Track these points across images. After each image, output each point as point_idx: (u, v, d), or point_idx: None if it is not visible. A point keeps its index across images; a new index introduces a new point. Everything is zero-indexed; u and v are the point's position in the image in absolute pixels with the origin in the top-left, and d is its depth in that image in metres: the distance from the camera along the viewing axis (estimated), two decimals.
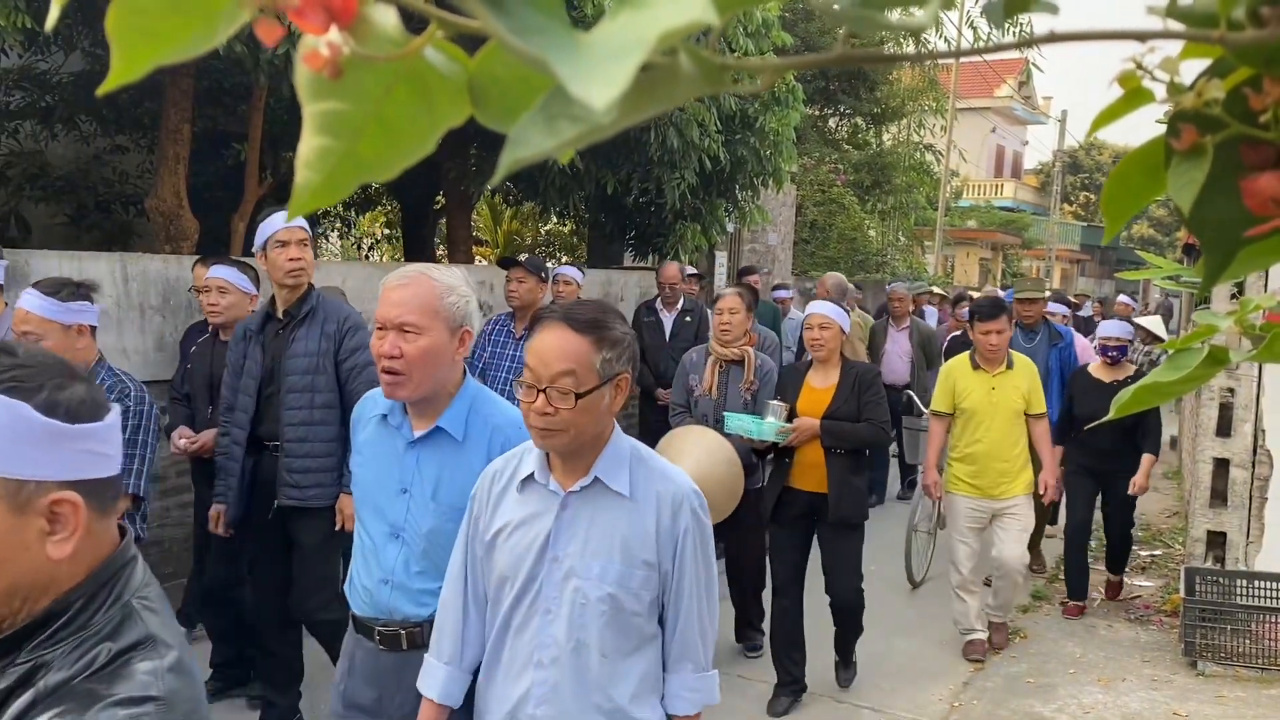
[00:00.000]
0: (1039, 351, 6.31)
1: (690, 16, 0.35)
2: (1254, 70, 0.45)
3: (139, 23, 0.45)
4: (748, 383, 4.74)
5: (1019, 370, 5.08)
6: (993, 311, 4.99)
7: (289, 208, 0.49)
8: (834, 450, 4.33)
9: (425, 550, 2.21)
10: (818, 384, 4.45)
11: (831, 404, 4.36)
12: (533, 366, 1.84)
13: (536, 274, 5.39)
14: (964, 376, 5.11)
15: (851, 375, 4.40)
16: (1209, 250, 0.50)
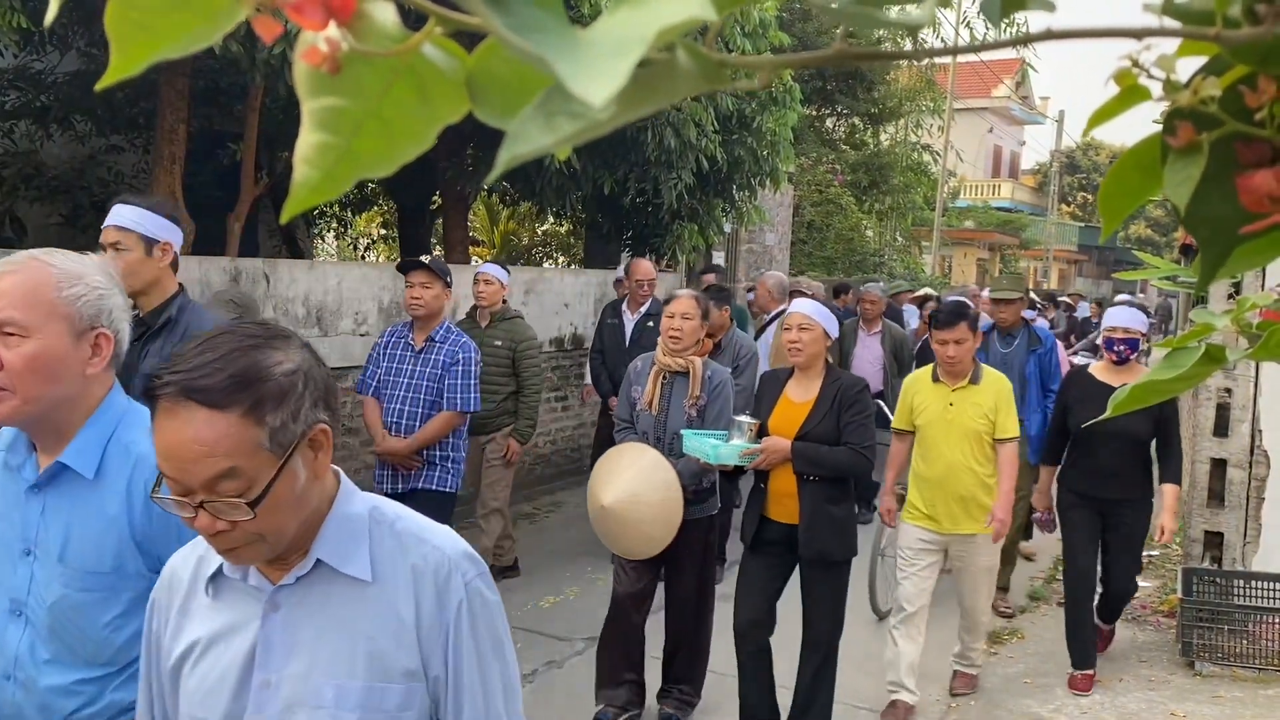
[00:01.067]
0: (1016, 358, 5.80)
1: (688, 13, 0.35)
2: (1250, 68, 0.45)
3: (138, 18, 0.45)
4: (692, 398, 4.11)
5: (986, 387, 4.33)
6: (950, 318, 4.29)
7: (286, 204, 0.49)
8: (807, 477, 3.76)
9: (52, 629, 1.66)
10: (796, 397, 3.87)
11: (807, 421, 3.78)
12: (172, 475, 1.24)
13: (442, 279, 4.69)
14: (923, 390, 4.43)
15: (834, 389, 3.80)
16: (1205, 247, 0.50)
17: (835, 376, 3.85)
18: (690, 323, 4.12)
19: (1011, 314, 5.95)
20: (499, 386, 5.56)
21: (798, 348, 3.80)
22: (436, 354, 4.62)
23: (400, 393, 4.64)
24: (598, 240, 9.77)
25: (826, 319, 3.87)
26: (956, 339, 4.26)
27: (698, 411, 4.10)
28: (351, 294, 6.43)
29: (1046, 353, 5.91)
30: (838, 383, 3.83)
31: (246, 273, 5.73)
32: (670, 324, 4.13)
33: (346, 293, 6.39)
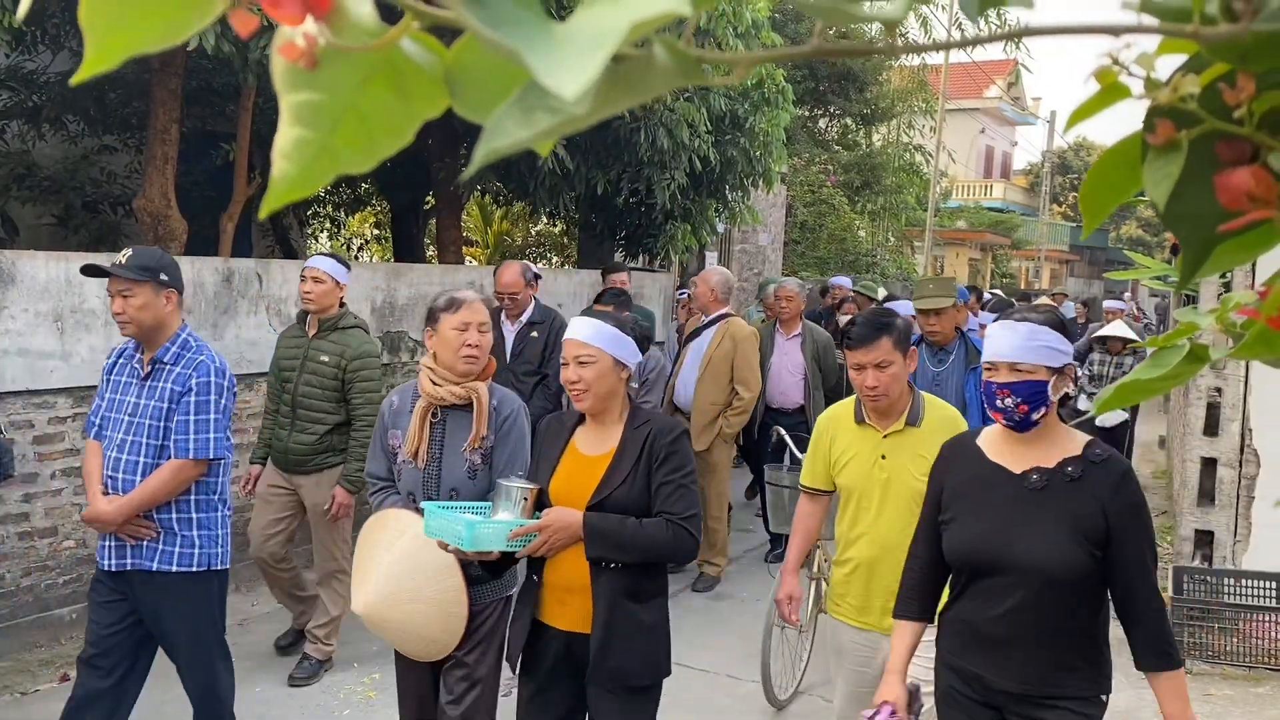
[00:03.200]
0: (951, 378, 4.74)
1: (663, 7, 0.35)
2: (1229, 65, 0.45)
3: (113, 12, 0.44)
4: (475, 440, 3.00)
5: (932, 428, 2.95)
6: (866, 333, 2.94)
7: (265, 199, 0.49)
8: (603, 564, 2.64)
9: None
10: (588, 449, 2.78)
11: (604, 484, 2.68)
12: None
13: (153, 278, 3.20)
14: (843, 434, 3.11)
15: (640, 437, 2.72)
16: (1186, 245, 0.50)
17: (641, 419, 2.77)
18: (487, 337, 3.07)
19: (943, 325, 4.76)
20: (323, 415, 4.44)
21: (579, 389, 2.69)
22: (164, 380, 3.24)
23: (119, 435, 3.27)
24: (591, 240, 9.77)
25: (615, 344, 2.72)
26: (878, 361, 2.90)
27: (482, 457, 3.02)
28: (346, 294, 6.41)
29: None
30: (646, 428, 2.72)
31: (239, 273, 5.71)
32: (463, 338, 3.00)
33: None
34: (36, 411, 4.77)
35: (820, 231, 15.88)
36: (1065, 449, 2.37)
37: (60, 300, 4.83)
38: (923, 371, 4.73)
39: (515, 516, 2.67)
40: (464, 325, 3.04)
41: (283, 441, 4.53)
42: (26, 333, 4.69)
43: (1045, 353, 2.33)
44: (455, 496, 3.00)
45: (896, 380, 2.94)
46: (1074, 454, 2.35)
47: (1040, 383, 2.32)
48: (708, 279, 6.16)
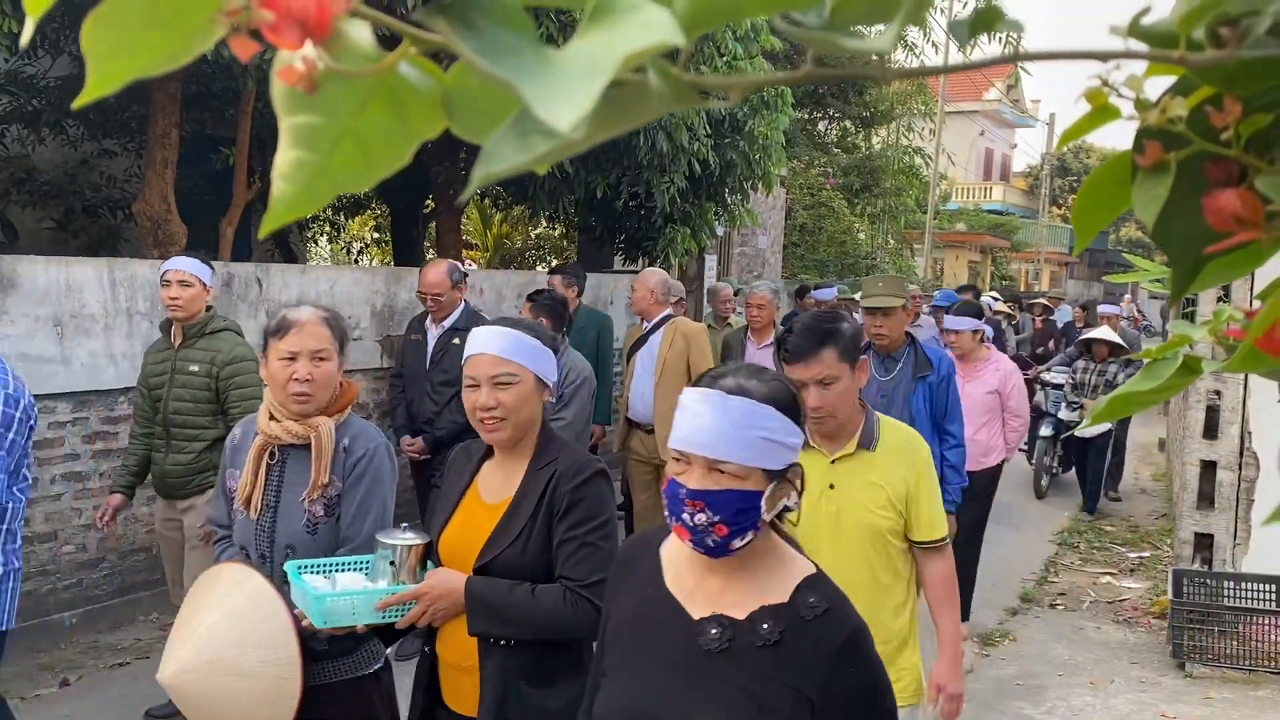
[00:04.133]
0: (898, 389, 4.31)
1: (656, 38, 0.36)
2: (1216, 89, 0.46)
3: (114, 38, 0.45)
4: (316, 489, 2.45)
5: (890, 453, 2.56)
6: (805, 344, 2.49)
7: (265, 219, 0.50)
8: (492, 640, 2.16)
9: None
10: (489, 493, 2.26)
11: (495, 539, 2.17)
12: None
13: None
14: None
15: (544, 476, 2.18)
16: (1175, 264, 0.50)
17: (548, 457, 2.21)
18: (326, 366, 2.47)
19: (891, 329, 4.30)
20: (198, 431, 4.04)
21: (495, 417, 2.14)
22: None
23: None
24: (591, 243, 9.78)
25: (538, 359, 2.19)
26: (820, 377, 2.45)
27: (325, 508, 2.47)
28: (344, 298, 6.42)
29: (940, 381, 4.30)
30: (551, 468, 2.18)
31: (239, 277, 5.72)
32: (290, 370, 2.43)
33: (339, 297, 6.38)
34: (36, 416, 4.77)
35: (820, 234, 15.90)
36: (768, 591, 1.55)
37: (60, 305, 4.84)
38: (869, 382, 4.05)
39: (394, 580, 2.18)
40: (291, 354, 2.43)
41: (159, 465, 4.12)
42: (26, 337, 4.69)
43: (764, 448, 1.50)
44: (291, 554, 2.42)
45: (844, 399, 2.47)
46: (778, 601, 1.54)
47: (751, 494, 1.50)
48: (646, 281, 5.75)
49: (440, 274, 5.17)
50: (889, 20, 0.39)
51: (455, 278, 5.19)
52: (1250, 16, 0.41)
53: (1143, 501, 9.46)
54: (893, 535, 2.55)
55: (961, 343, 5.55)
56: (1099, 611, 6.23)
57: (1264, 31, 0.41)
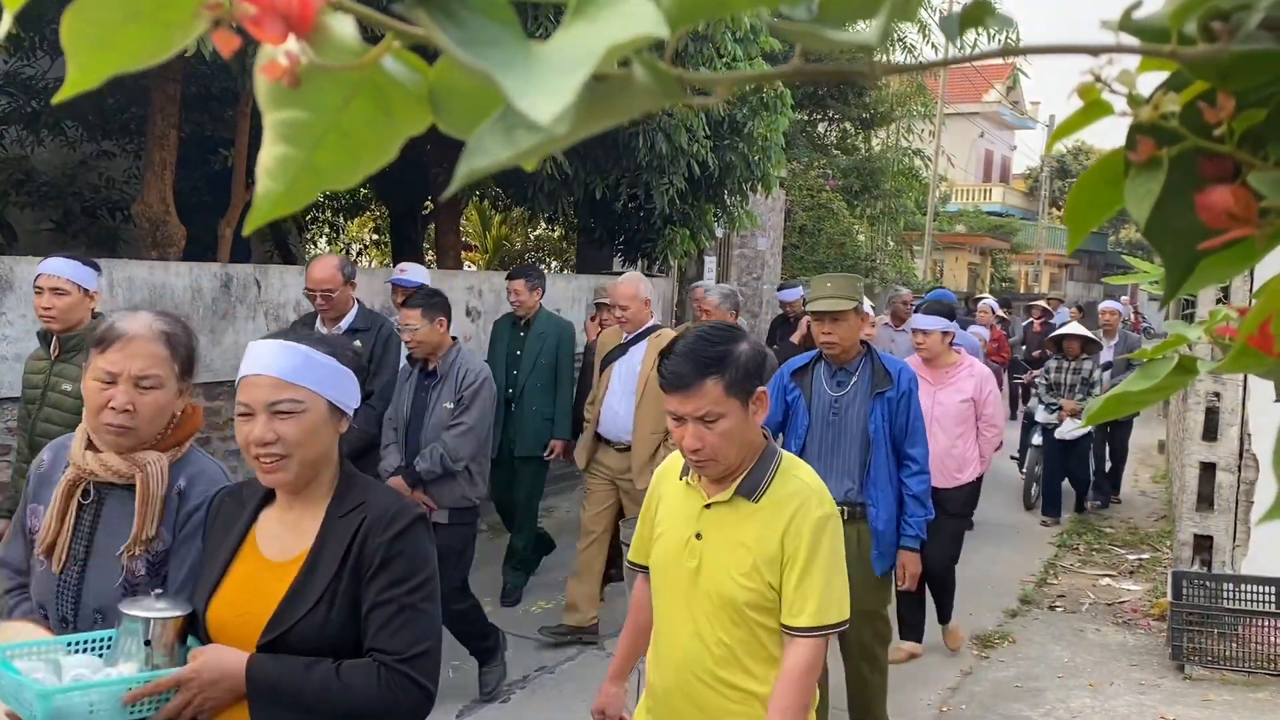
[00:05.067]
0: (852, 406, 3.76)
1: (640, 30, 0.35)
2: (1209, 84, 0.45)
3: (94, 32, 0.45)
4: (139, 543, 1.94)
5: (773, 507, 2.09)
6: (683, 371, 2.04)
7: (249, 216, 0.49)
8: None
9: None
10: (272, 546, 1.84)
11: (284, 608, 1.76)
12: None
13: None
14: (670, 493, 2.27)
15: (350, 524, 1.79)
16: (1168, 262, 0.50)
17: (354, 501, 1.81)
18: (156, 395, 1.96)
19: (843, 336, 3.75)
20: None
21: (274, 453, 1.73)
22: None
23: None
24: (590, 245, 9.77)
25: (332, 381, 1.78)
26: (701, 413, 2.01)
27: (150, 566, 1.96)
28: None
29: (900, 397, 3.76)
30: (358, 515, 1.79)
31: (237, 278, 5.72)
32: (106, 395, 1.92)
33: None
34: None
35: (819, 236, 15.89)
36: None
37: None
38: (819, 397, 3.80)
39: (146, 663, 1.71)
40: (109, 376, 1.91)
41: None
42: (24, 339, 4.68)
43: None
44: (99, 623, 1.91)
45: (729, 440, 2.01)
46: None
47: None
48: (636, 288, 5.12)
49: (329, 268, 4.67)
50: (876, 16, 0.39)
51: (347, 273, 4.71)
52: (1242, 11, 0.41)
53: (1142, 503, 9.46)
54: (755, 610, 2.03)
55: (930, 345, 5.09)
56: (1098, 613, 6.22)
57: (1256, 26, 0.41)
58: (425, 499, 4.20)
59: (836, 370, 3.83)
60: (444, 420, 4.30)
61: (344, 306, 4.71)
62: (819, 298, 3.79)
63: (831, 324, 3.73)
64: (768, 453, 2.13)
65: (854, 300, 3.75)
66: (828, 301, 3.74)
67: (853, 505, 3.71)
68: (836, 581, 2.06)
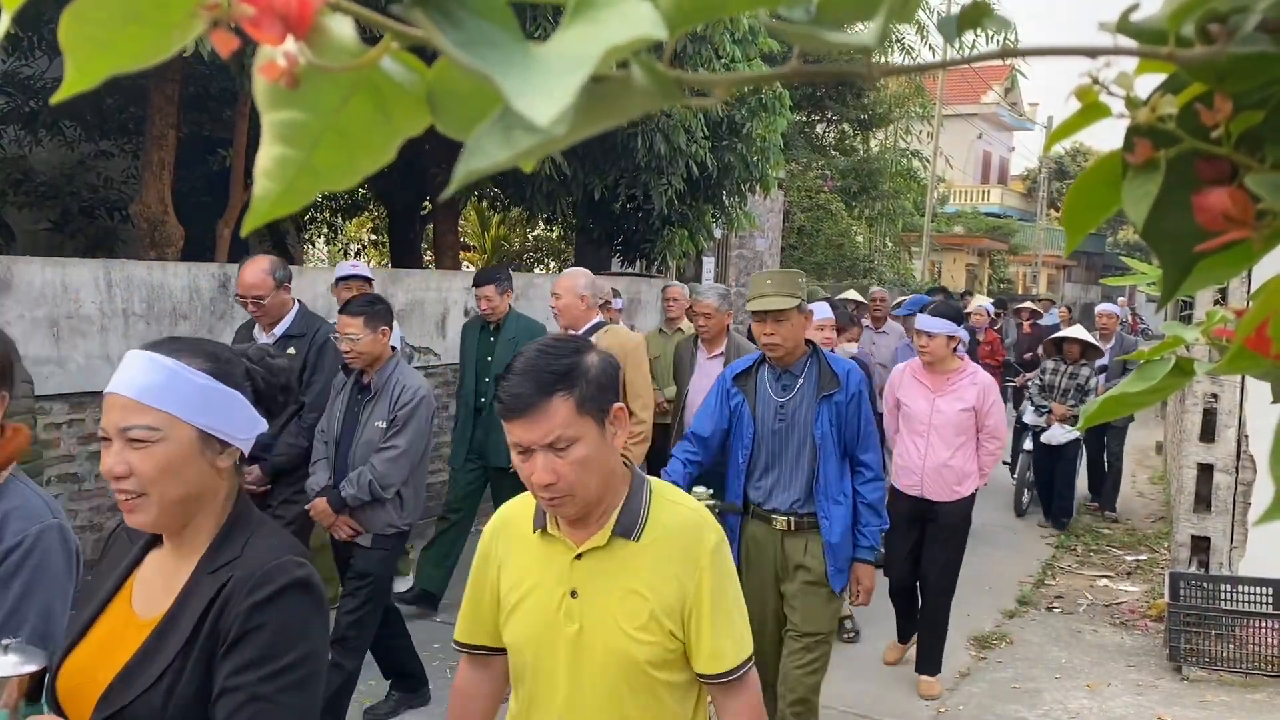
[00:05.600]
0: (799, 412, 3.51)
1: (639, 32, 0.35)
2: (1206, 86, 0.45)
3: (92, 33, 0.45)
4: None
5: (661, 543, 1.77)
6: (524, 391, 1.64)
7: (247, 217, 0.49)
8: None
9: None
10: (143, 598, 1.55)
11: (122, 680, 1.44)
12: None
13: None
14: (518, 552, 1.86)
15: (214, 583, 1.46)
16: (1166, 264, 0.50)
17: (229, 554, 1.50)
18: None
19: (786, 337, 3.47)
20: None
21: (126, 489, 1.46)
22: None
23: None
24: (588, 245, 9.77)
25: (202, 404, 1.48)
26: (550, 439, 1.65)
27: None
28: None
29: (849, 400, 3.48)
30: (226, 572, 1.48)
31: (235, 279, 5.71)
32: None
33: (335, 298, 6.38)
34: None
35: (818, 237, 15.91)
36: None
37: (56, 306, 4.83)
38: (764, 402, 3.55)
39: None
40: None
41: None
42: (22, 339, 4.68)
43: None
44: None
45: (587, 469, 1.64)
46: None
47: None
48: (573, 283, 4.86)
49: (259, 272, 4.32)
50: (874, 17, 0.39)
51: (279, 276, 4.37)
52: (1239, 13, 0.41)
53: (1140, 504, 9.46)
54: (659, 668, 1.73)
55: (934, 348, 4.74)
56: (1096, 614, 6.22)
57: (1254, 28, 0.41)
58: (351, 524, 3.94)
59: (781, 373, 3.56)
60: (375, 440, 3.90)
61: (279, 311, 4.41)
62: (758, 296, 3.49)
63: (774, 324, 3.46)
64: (638, 481, 1.79)
65: (796, 297, 3.48)
66: (768, 300, 3.45)
67: (801, 516, 3.51)
68: (740, 605, 1.82)
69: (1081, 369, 7.91)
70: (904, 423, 4.88)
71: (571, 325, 4.84)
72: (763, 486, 3.56)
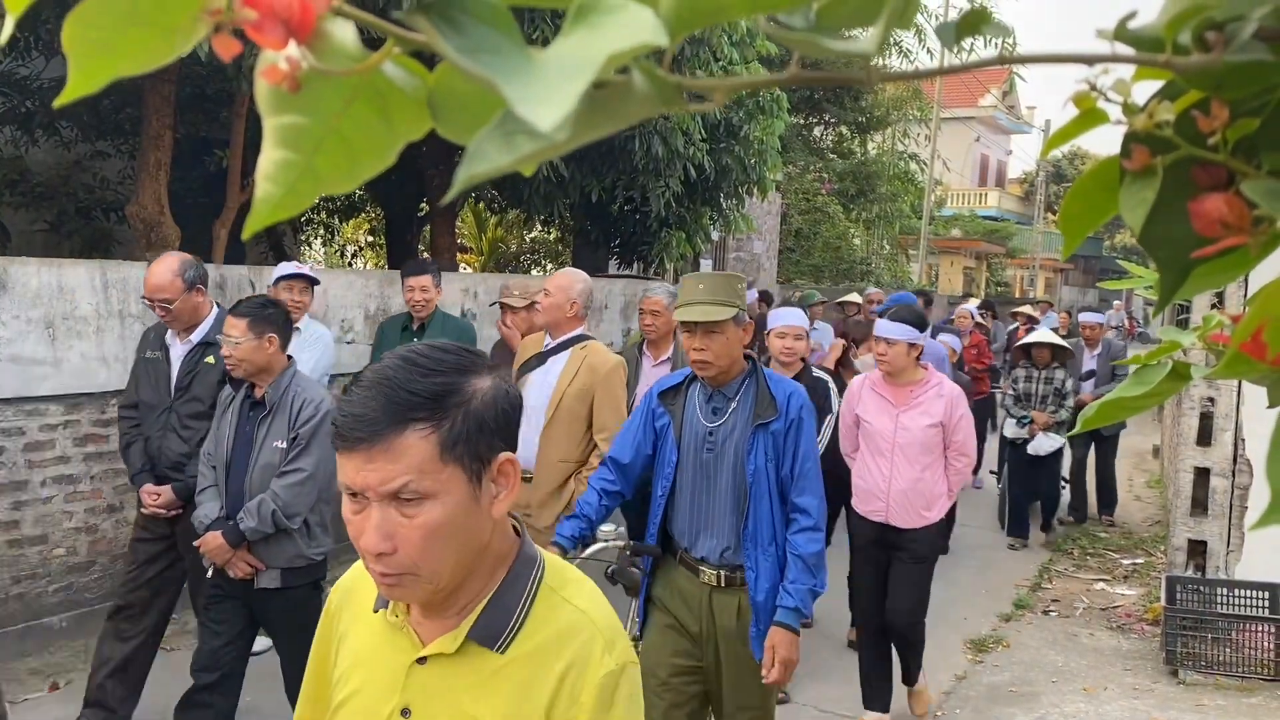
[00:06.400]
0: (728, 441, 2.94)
1: (640, 39, 0.36)
2: (1203, 93, 0.46)
3: (95, 37, 0.45)
4: None
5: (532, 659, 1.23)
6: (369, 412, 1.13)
7: (248, 220, 0.49)
8: None
9: None
10: None
11: None
12: None
13: None
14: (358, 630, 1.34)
15: None
16: (1163, 269, 0.50)
17: None
18: None
19: (718, 353, 2.89)
20: None
21: None
22: None
23: None
24: (586, 247, 9.78)
25: None
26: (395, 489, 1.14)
27: None
28: (338, 301, 6.42)
29: (788, 429, 2.91)
30: None
31: (232, 280, 5.71)
32: None
33: (333, 300, 6.37)
34: (27, 419, 4.76)
35: (815, 239, 15.92)
36: None
37: (52, 307, 4.82)
38: (691, 428, 2.98)
39: None
40: None
41: None
42: (18, 339, 4.68)
43: None
44: None
45: (439, 540, 1.16)
46: None
47: None
48: (569, 284, 4.22)
49: (167, 273, 3.86)
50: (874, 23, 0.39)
51: (190, 277, 3.90)
52: (1236, 21, 0.41)
53: (1137, 508, 9.48)
54: None
55: (894, 358, 4.23)
56: (1093, 618, 6.23)
57: (1250, 36, 0.41)
58: (251, 560, 3.39)
59: (713, 394, 2.97)
60: (275, 463, 3.38)
61: (191, 316, 3.97)
62: (687, 303, 2.88)
63: (704, 337, 2.84)
64: (523, 563, 1.27)
65: (732, 306, 2.87)
66: (698, 309, 2.84)
67: (730, 569, 2.93)
68: None
69: (1056, 372, 7.45)
70: (865, 441, 4.39)
71: (551, 327, 4.27)
72: (687, 528, 2.98)
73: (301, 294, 5.00)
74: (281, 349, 3.46)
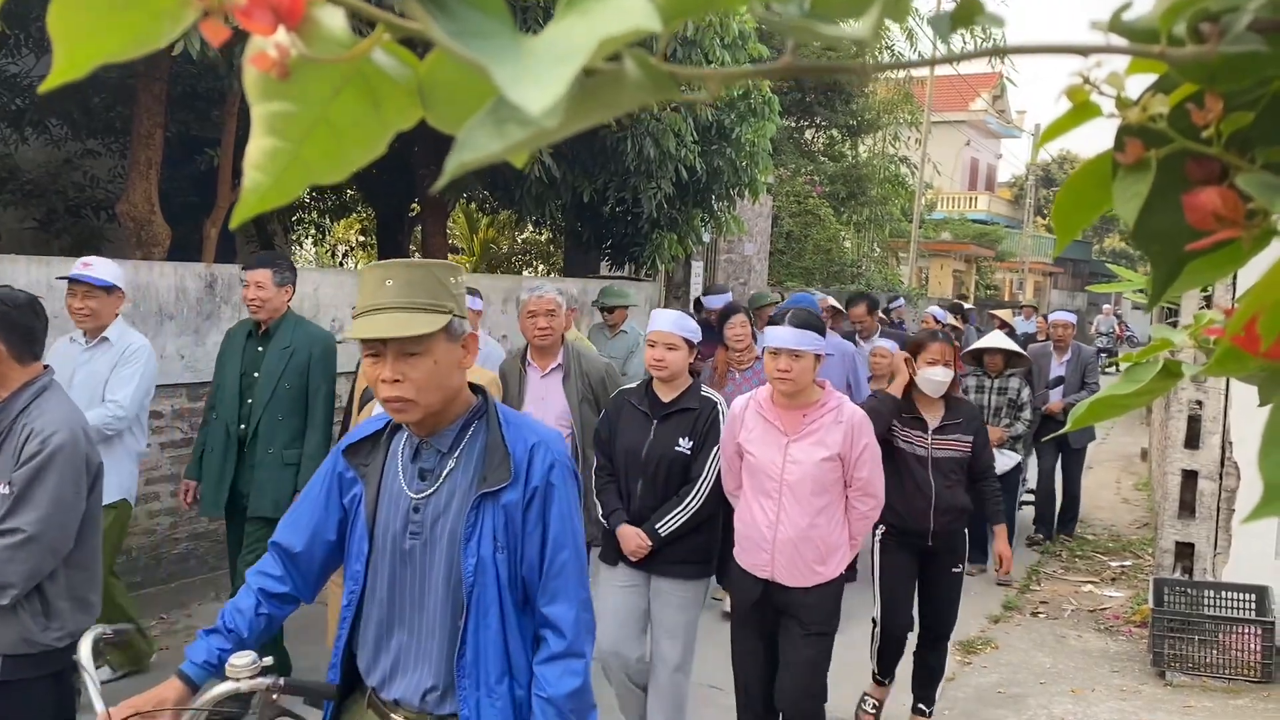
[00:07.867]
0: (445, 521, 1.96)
1: (632, 24, 0.35)
2: (1197, 86, 0.45)
3: (81, 20, 0.44)
4: None
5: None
6: None
7: (235, 209, 0.49)
8: None
9: None
10: None
11: None
12: None
13: None
14: None
15: None
16: (1155, 264, 0.50)
17: None
18: None
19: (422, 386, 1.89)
20: None
21: None
22: None
23: None
24: (577, 249, 9.78)
25: None
26: None
27: None
28: (328, 300, 6.40)
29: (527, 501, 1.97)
30: None
31: (222, 278, 5.69)
32: None
33: (323, 299, 6.36)
34: None
35: (806, 242, 15.96)
36: None
37: None
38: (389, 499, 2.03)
39: None
40: None
41: None
42: None
43: None
44: None
45: None
46: None
47: None
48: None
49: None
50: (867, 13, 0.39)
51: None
52: (1231, 13, 0.41)
53: (1125, 511, 9.51)
54: None
55: (799, 374, 3.37)
56: (1080, 620, 6.25)
57: (1245, 28, 0.41)
58: None
59: (420, 447, 1.99)
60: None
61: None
62: (366, 310, 1.87)
63: (397, 361, 1.86)
64: None
65: (440, 312, 1.87)
66: (384, 317, 1.84)
67: (443, 718, 1.94)
68: None
69: (1010, 381, 6.63)
70: (749, 478, 3.48)
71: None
72: (379, 656, 2.00)
73: (85, 299, 3.96)
74: (14, 357, 2.55)
